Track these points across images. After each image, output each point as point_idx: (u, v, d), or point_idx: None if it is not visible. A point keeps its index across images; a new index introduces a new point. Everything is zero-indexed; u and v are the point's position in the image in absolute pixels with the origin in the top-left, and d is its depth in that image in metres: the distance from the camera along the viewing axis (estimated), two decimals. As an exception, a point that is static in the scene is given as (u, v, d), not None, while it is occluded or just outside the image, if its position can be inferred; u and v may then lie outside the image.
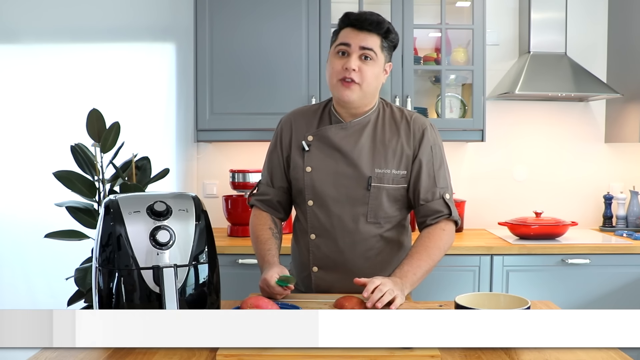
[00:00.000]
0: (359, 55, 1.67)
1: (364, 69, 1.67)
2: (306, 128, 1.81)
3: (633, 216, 3.19)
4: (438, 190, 1.75)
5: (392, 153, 1.75)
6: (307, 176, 1.77)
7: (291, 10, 2.94)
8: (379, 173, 1.73)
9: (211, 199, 3.26)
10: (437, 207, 1.75)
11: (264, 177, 1.89)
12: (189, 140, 3.23)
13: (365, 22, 1.67)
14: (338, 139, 1.76)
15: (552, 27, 3.13)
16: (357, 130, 1.76)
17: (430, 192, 1.75)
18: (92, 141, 2.43)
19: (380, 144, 1.75)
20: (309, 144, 1.78)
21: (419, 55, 3.15)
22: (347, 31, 1.69)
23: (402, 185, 1.76)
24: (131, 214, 1.34)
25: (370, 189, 1.73)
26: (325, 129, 1.78)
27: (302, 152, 1.79)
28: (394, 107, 1.82)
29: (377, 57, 1.68)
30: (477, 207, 3.29)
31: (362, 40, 1.67)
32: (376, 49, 1.68)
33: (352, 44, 1.67)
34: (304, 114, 1.85)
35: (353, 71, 1.66)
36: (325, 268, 1.80)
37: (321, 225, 1.78)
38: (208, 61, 2.95)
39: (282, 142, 1.84)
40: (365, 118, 1.77)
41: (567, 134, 3.35)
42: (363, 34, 1.67)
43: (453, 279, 2.71)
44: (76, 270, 2.37)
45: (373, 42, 1.67)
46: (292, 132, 1.82)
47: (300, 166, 1.79)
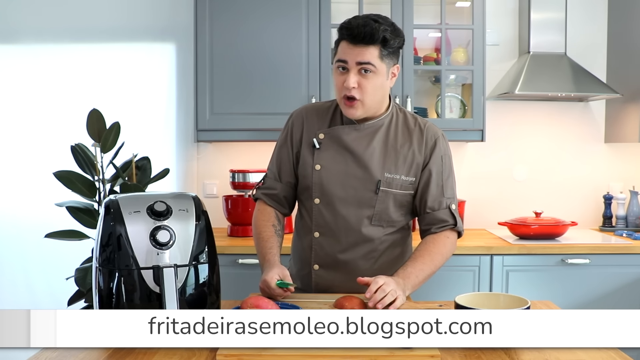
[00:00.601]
0: (357, 70, 1.63)
1: (363, 83, 1.64)
2: (318, 125, 1.79)
3: (633, 216, 3.19)
4: (445, 200, 1.76)
5: (402, 159, 1.74)
6: (315, 174, 1.77)
7: (291, 10, 2.94)
8: (389, 178, 1.73)
9: (211, 199, 3.26)
10: (443, 217, 1.75)
11: (271, 171, 1.86)
12: (189, 140, 3.23)
13: (359, 37, 1.60)
14: (350, 140, 1.75)
15: (552, 27, 3.13)
16: (370, 132, 1.75)
17: (437, 202, 1.75)
18: (92, 141, 2.44)
19: (392, 149, 1.75)
20: (320, 141, 1.77)
21: (419, 55, 3.15)
22: (344, 46, 1.65)
23: (409, 191, 1.76)
24: (131, 214, 1.35)
25: (378, 192, 1.73)
26: (337, 128, 1.77)
27: (312, 149, 1.78)
28: (408, 113, 1.81)
29: (377, 68, 1.63)
30: (477, 207, 3.29)
31: (358, 56, 1.62)
32: (374, 60, 1.63)
33: (349, 60, 1.63)
34: (316, 111, 1.83)
35: (353, 88, 1.64)
36: (327, 267, 1.80)
37: (326, 224, 1.77)
38: (208, 61, 2.95)
39: (292, 137, 1.82)
40: (378, 121, 1.76)
41: (567, 134, 3.35)
42: (358, 48, 1.62)
43: (453, 279, 2.71)
44: (76, 270, 2.37)
45: (370, 55, 1.62)
46: (304, 128, 1.81)
47: (309, 163, 1.78)
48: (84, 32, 3.19)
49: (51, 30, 3.20)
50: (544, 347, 1.24)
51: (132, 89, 3.20)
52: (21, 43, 3.21)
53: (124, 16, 3.20)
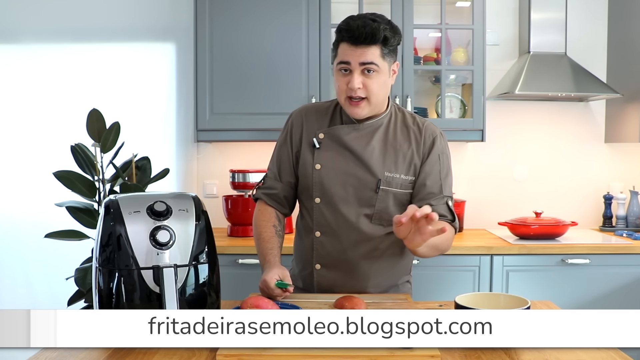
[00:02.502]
0: (361, 71, 1.64)
1: (368, 83, 1.65)
2: (317, 125, 1.80)
3: (633, 216, 3.19)
4: (443, 198, 1.76)
5: (402, 158, 1.75)
6: (315, 173, 1.77)
7: (291, 10, 2.94)
8: (389, 177, 1.74)
9: (211, 199, 3.26)
10: (440, 211, 1.74)
11: (271, 171, 1.87)
12: (189, 140, 3.23)
13: (360, 38, 1.61)
14: (349, 139, 1.75)
15: (552, 27, 3.13)
16: (369, 132, 1.76)
17: (435, 199, 1.75)
18: (92, 141, 2.43)
19: (392, 148, 1.75)
20: (320, 141, 1.77)
21: (419, 55, 3.15)
22: (344, 47, 1.65)
23: (409, 190, 1.77)
24: (131, 214, 1.34)
25: (378, 191, 1.73)
26: (337, 128, 1.77)
27: (312, 149, 1.78)
28: (407, 112, 1.82)
29: (380, 67, 1.65)
30: (477, 207, 3.29)
31: (361, 56, 1.63)
32: (377, 60, 1.64)
33: (352, 62, 1.64)
34: (316, 111, 1.84)
35: (358, 89, 1.65)
36: (328, 266, 1.80)
37: (327, 223, 1.78)
38: (208, 61, 2.95)
39: (292, 137, 1.82)
40: (378, 121, 1.76)
41: (567, 134, 3.35)
42: (360, 49, 1.62)
43: (453, 279, 2.72)
44: (76, 270, 2.37)
45: (372, 55, 1.63)
46: (303, 128, 1.81)
47: (309, 163, 1.78)
48: (84, 32, 3.20)
49: (51, 30, 3.20)
50: (544, 347, 1.24)
51: (132, 89, 3.20)
52: (21, 43, 3.21)
53: (124, 16, 3.20)
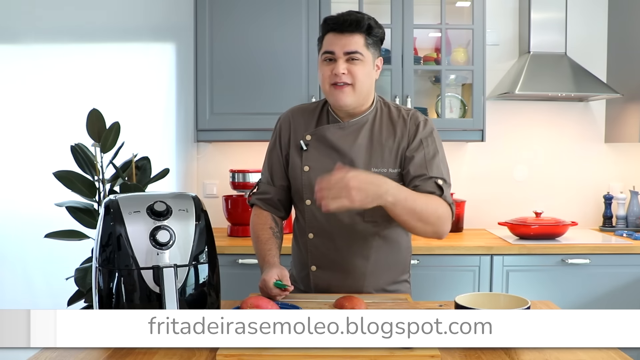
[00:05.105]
0: (345, 60, 1.66)
1: (353, 69, 1.67)
2: (305, 127, 1.81)
3: (633, 216, 3.19)
4: (430, 178, 1.68)
5: (388, 152, 1.74)
6: (304, 175, 1.77)
7: (291, 10, 2.94)
8: (375, 172, 1.72)
9: (211, 199, 3.26)
10: (428, 189, 1.67)
11: (264, 176, 1.88)
12: (189, 140, 3.23)
13: (345, 24, 1.65)
14: (336, 139, 1.76)
15: (552, 27, 3.13)
16: (355, 130, 1.76)
17: (421, 179, 1.69)
18: (92, 141, 2.43)
19: (377, 144, 1.75)
20: (307, 143, 1.78)
21: (419, 55, 3.15)
22: (330, 37, 1.68)
23: (398, 183, 1.75)
24: (131, 214, 1.34)
25: None
26: (323, 128, 1.78)
27: (300, 151, 1.79)
28: (392, 105, 1.81)
29: (364, 56, 1.67)
30: (477, 207, 3.29)
31: (346, 45, 1.65)
32: (361, 48, 1.66)
33: (337, 51, 1.66)
34: (302, 113, 1.85)
35: (343, 74, 1.66)
36: (324, 267, 1.80)
37: (319, 225, 1.78)
38: (208, 61, 2.95)
39: (281, 141, 1.84)
40: (363, 118, 1.77)
41: (567, 134, 3.35)
42: (345, 37, 1.66)
43: (453, 279, 2.72)
44: (76, 270, 2.36)
45: (356, 43, 1.66)
46: (291, 131, 1.82)
47: (298, 165, 1.79)
48: (84, 32, 3.19)
49: (51, 30, 3.20)
50: (544, 347, 1.24)
51: (131, 89, 3.20)
52: (21, 43, 3.20)
53: (124, 16, 3.20)
